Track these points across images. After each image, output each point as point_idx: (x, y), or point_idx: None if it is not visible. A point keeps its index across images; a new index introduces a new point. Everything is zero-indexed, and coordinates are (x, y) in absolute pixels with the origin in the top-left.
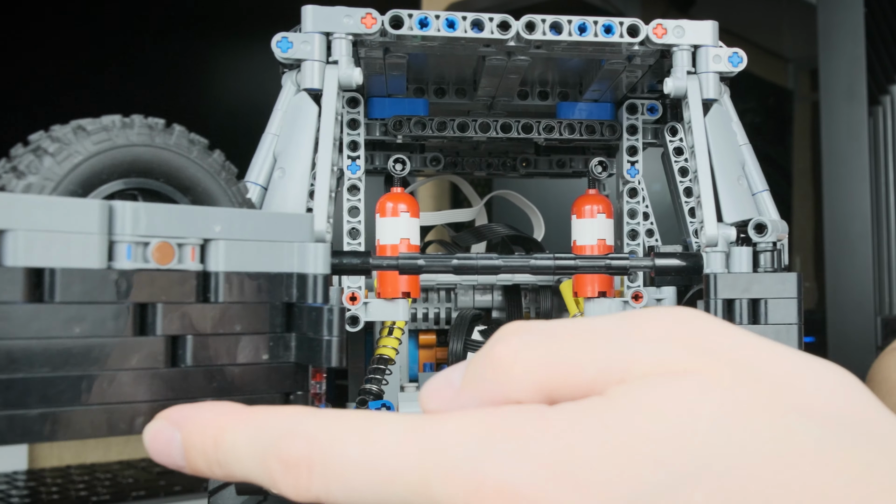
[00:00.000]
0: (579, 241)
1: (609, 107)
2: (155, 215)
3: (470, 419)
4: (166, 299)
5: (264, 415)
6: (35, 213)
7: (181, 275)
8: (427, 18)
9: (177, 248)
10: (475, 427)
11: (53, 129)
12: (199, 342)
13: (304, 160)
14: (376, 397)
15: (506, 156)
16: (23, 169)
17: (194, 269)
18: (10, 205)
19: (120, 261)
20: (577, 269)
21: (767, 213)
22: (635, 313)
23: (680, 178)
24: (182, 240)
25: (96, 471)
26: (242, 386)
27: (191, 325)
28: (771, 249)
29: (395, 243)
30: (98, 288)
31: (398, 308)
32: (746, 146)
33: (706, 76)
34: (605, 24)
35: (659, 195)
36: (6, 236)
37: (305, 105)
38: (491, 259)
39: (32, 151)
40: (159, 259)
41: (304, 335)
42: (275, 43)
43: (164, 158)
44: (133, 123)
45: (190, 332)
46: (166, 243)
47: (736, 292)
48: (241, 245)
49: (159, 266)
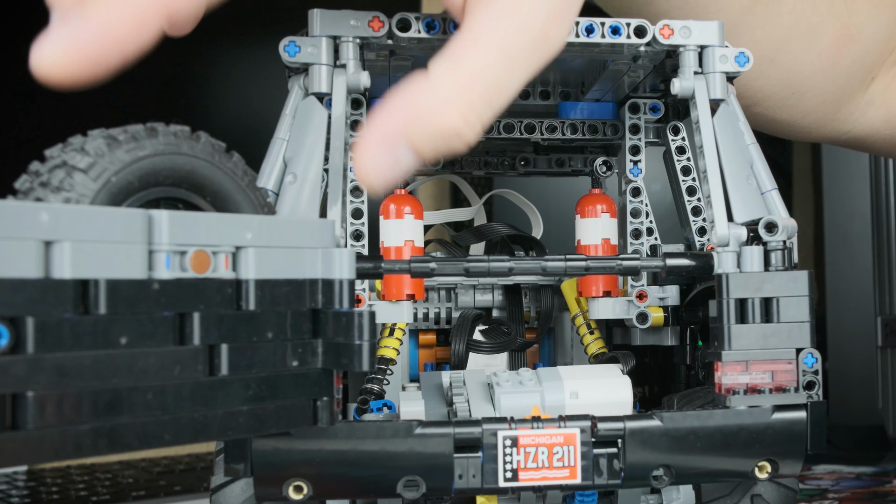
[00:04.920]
0: (583, 241)
1: (611, 106)
2: (191, 224)
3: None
4: (204, 308)
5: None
6: (81, 223)
7: (217, 283)
8: (434, 21)
9: (212, 257)
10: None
11: (73, 142)
12: (234, 350)
13: (315, 165)
14: (377, 397)
15: (504, 155)
16: (56, 184)
17: (229, 278)
18: (57, 215)
19: (159, 270)
20: (588, 270)
21: (777, 212)
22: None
23: (682, 177)
24: (216, 248)
25: (96, 471)
26: (275, 393)
27: (226, 333)
28: (782, 248)
29: (400, 245)
30: (142, 298)
31: (402, 310)
32: (754, 145)
33: (713, 76)
34: (612, 25)
35: (659, 195)
36: (54, 248)
37: (314, 109)
38: (503, 261)
39: (61, 166)
40: (197, 268)
41: (331, 340)
42: (282, 47)
43: (192, 166)
44: (160, 132)
45: (226, 341)
46: (203, 252)
47: (748, 291)
48: (270, 252)
49: (197, 275)
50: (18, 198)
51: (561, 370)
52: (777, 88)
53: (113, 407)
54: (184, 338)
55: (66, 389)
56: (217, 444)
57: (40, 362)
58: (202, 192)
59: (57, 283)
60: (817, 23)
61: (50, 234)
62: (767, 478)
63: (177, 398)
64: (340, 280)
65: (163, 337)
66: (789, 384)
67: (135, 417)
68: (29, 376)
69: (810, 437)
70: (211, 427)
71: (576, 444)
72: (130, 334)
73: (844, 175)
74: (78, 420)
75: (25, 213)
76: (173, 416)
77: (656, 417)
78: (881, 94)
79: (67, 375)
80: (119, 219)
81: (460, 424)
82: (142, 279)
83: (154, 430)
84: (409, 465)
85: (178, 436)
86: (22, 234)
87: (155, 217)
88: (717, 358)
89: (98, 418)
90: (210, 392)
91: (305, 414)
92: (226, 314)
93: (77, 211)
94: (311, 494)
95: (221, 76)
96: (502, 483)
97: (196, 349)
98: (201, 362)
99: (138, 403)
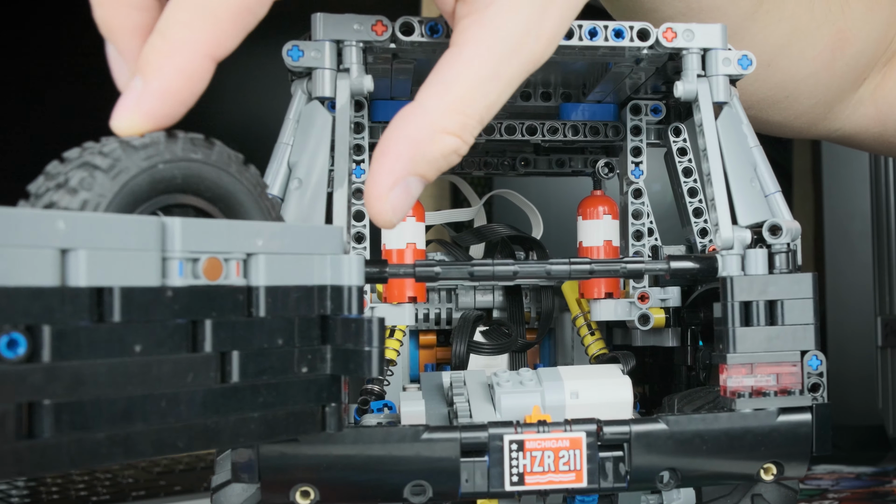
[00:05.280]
0: (585, 242)
1: (612, 108)
2: (203, 231)
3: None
4: (217, 315)
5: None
6: (96, 230)
7: (230, 290)
8: (437, 25)
9: (224, 264)
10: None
11: (90, 145)
12: (245, 357)
13: (319, 169)
14: (378, 397)
15: (504, 155)
16: (75, 185)
17: (240, 285)
18: (73, 223)
19: (172, 278)
20: (592, 273)
21: (781, 215)
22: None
23: (684, 179)
24: (227, 255)
25: (96, 471)
26: (285, 399)
27: (238, 340)
28: (786, 251)
29: (402, 248)
30: (156, 305)
31: (404, 312)
32: (757, 148)
33: (716, 79)
34: (615, 29)
35: (659, 195)
36: (69, 256)
37: (318, 114)
38: (507, 265)
39: (82, 167)
40: (209, 275)
41: (340, 347)
42: (285, 51)
43: (205, 173)
44: (177, 138)
45: (237, 348)
46: (216, 259)
47: (753, 294)
48: (280, 259)
49: (209, 282)
50: (31, 201)
51: (561, 370)
52: (771, 92)
53: (128, 415)
54: (196, 345)
55: (82, 398)
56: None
57: (57, 371)
58: (216, 201)
59: (73, 291)
60: (814, 28)
61: (66, 242)
62: (773, 480)
63: (190, 405)
64: (349, 286)
65: (176, 344)
66: (794, 386)
67: (149, 425)
68: (46, 385)
69: (815, 439)
70: (223, 434)
71: (582, 447)
72: (144, 342)
73: (844, 175)
74: (94, 428)
75: (42, 221)
76: (186, 423)
77: (662, 421)
78: (871, 94)
79: (83, 384)
80: (134, 226)
81: (466, 429)
82: (156, 286)
83: (168, 437)
84: (416, 470)
85: (191, 443)
86: (38, 242)
87: (168, 224)
88: (722, 361)
89: (113, 426)
90: (222, 399)
91: (314, 420)
92: (237, 321)
93: (93, 218)
94: (318, 499)
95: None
96: (508, 487)
97: (208, 356)
98: (213, 369)
99: (152, 411)
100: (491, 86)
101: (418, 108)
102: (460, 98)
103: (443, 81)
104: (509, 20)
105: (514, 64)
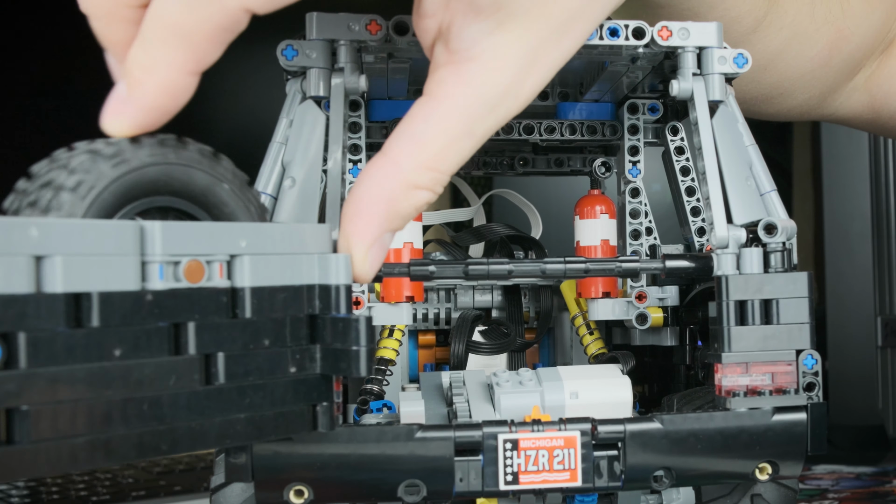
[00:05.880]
0: (583, 242)
1: (609, 107)
2: (183, 233)
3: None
4: (200, 318)
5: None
6: (72, 237)
7: (212, 292)
8: None
9: (206, 266)
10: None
11: (58, 157)
12: (231, 359)
13: (313, 168)
14: (377, 397)
15: (503, 155)
16: (45, 205)
17: (223, 286)
18: (47, 230)
19: (153, 281)
20: (587, 272)
21: (776, 214)
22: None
23: (682, 178)
24: (210, 257)
25: (96, 471)
26: (273, 400)
27: (222, 342)
28: (781, 250)
29: (399, 247)
30: (135, 310)
31: (402, 312)
32: (753, 147)
33: (711, 78)
34: (610, 27)
35: (659, 195)
36: (45, 262)
37: (312, 113)
38: (502, 264)
39: (48, 185)
40: (191, 277)
41: (329, 346)
42: (280, 51)
43: (181, 174)
44: (142, 143)
45: (222, 350)
46: (197, 261)
47: (748, 293)
48: (265, 259)
49: (191, 285)
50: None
51: (561, 370)
52: (766, 91)
53: (108, 419)
54: (179, 348)
55: (61, 403)
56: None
57: (34, 377)
58: (193, 199)
59: (49, 298)
60: (814, 30)
61: (40, 248)
62: (768, 479)
63: (173, 408)
64: (337, 286)
65: (157, 348)
66: (789, 386)
67: (130, 429)
68: (23, 391)
69: (811, 438)
70: (208, 436)
71: (576, 446)
72: (125, 346)
73: (844, 175)
74: (73, 433)
75: (15, 228)
76: (169, 426)
77: (656, 420)
78: (865, 82)
79: (62, 389)
80: (110, 231)
81: (461, 428)
82: (135, 291)
83: (150, 440)
84: (410, 469)
85: (175, 445)
86: (12, 249)
87: (147, 228)
88: (717, 360)
89: (93, 430)
90: (207, 401)
91: (305, 420)
92: (221, 323)
93: (67, 225)
94: (312, 499)
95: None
96: (503, 486)
97: (191, 359)
98: (197, 372)
99: (134, 415)
100: (464, 143)
101: (391, 165)
102: (434, 156)
103: (416, 137)
104: (490, 80)
105: (489, 122)
